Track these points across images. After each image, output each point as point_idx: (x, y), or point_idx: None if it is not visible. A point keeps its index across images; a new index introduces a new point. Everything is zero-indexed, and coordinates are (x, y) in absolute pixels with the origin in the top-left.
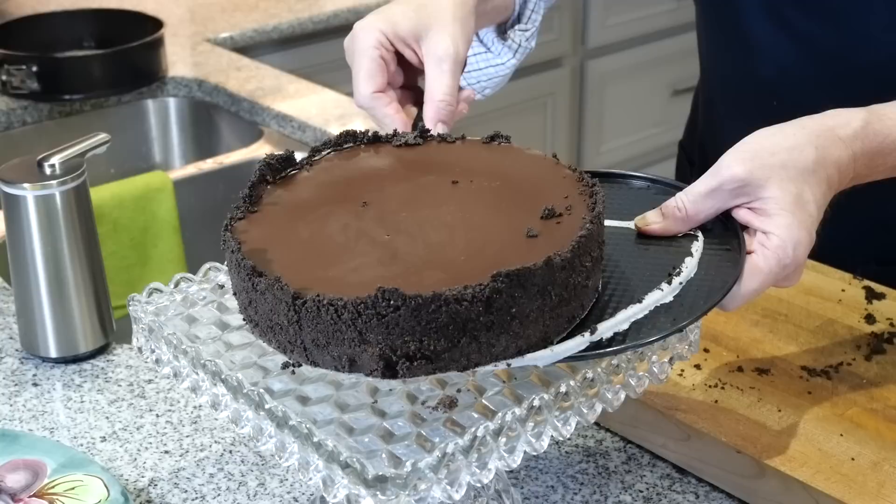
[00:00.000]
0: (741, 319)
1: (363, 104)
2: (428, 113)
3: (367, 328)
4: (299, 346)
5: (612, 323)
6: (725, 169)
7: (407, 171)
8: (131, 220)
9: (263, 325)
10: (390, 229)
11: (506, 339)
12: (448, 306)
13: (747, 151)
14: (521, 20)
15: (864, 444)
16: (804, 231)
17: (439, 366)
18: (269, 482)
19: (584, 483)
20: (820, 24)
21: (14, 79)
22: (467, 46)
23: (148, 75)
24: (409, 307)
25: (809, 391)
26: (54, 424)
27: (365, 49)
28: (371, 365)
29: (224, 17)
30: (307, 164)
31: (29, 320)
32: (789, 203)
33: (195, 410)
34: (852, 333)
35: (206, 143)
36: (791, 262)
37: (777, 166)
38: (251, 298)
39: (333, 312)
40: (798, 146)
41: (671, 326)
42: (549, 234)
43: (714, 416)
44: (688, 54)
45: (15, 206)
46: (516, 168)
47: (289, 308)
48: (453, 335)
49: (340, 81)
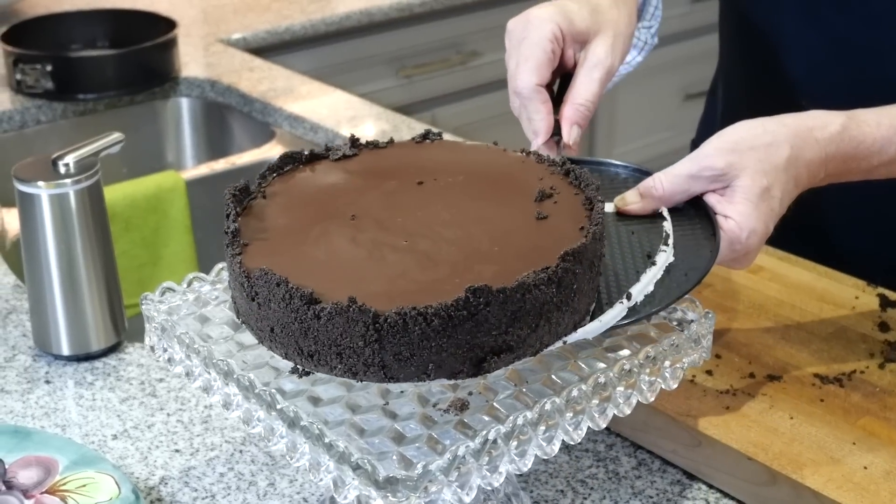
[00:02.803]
0: (753, 326)
1: (523, 93)
2: (566, 113)
3: (456, 330)
4: (376, 365)
5: (641, 286)
6: (707, 158)
7: (366, 181)
8: (143, 220)
9: (323, 355)
10: (402, 235)
11: (567, 317)
12: (530, 293)
13: (728, 143)
14: (643, 16)
15: (877, 452)
16: (761, 222)
17: (518, 354)
18: (279, 482)
19: (594, 488)
20: (855, 23)
21: (28, 78)
22: (621, 62)
23: (161, 75)
24: (497, 301)
25: (822, 399)
26: (66, 422)
27: (539, 39)
28: (456, 366)
29: (237, 18)
30: (260, 193)
31: (42, 318)
32: (755, 195)
33: (206, 410)
34: (865, 341)
35: (218, 144)
36: (742, 248)
37: (753, 159)
38: (305, 329)
39: (422, 322)
40: (775, 143)
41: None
42: (556, 214)
43: (725, 423)
44: (700, 58)
45: (29, 205)
46: (470, 161)
47: (367, 328)
48: (533, 321)
49: (353, 83)
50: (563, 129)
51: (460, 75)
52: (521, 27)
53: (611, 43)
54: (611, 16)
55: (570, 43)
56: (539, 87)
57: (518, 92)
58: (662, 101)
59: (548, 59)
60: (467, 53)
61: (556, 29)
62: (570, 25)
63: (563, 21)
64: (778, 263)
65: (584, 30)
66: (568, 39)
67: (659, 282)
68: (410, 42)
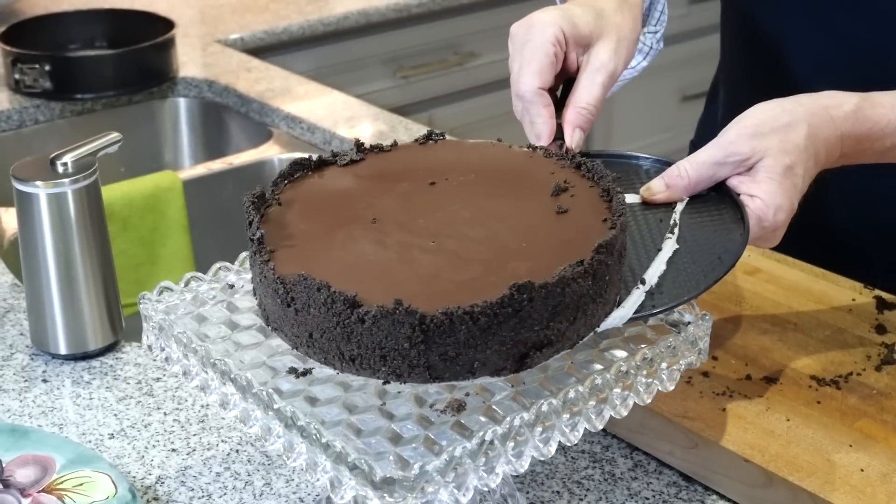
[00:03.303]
0: (750, 328)
1: (525, 97)
2: (569, 117)
3: (501, 327)
4: (422, 366)
5: (655, 269)
6: (731, 144)
7: (378, 185)
8: (141, 219)
9: (366, 358)
10: (427, 236)
11: (600, 308)
12: (569, 287)
13: (750, 127)
14: (649, 22)
15: (874, 455)
16: (787, 199)
17: (558, 347)
18: (275, 482)
19: (590, 489)
20: (861, 22)
21: (27, 77)
22: (625, 67)
23: (159, 75)
24: (539, 296)
25: (819, 401)
26: (63, 421)
27: (542, 43)
28: (499, 363)
29: (234, 18)
30: (275, 200)
31: (39, 317)
32: (779, 173)
33: (202, 409)
34: (862, 343)
35: (215, 144)
36: (770, 224)
37: (776, 140)
38: (347, 333)
39: (468, 321)
40: (794, 122)
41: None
42: (576, 207)
43: (722, 425)
44: (698, 60)
45: (27, 204)
46: (477, 159)
47: (413, 330)
48: (571, 314)
49: (350, 83)
50: (566, 132)
51: (458, 76)
52: (524, 31)
53: (614, 47)
54: (615, 20)
55: (574, 47)
56: (541, 91)
57: (520, 95)
58: (660, 103)
59: (550, 63)
60: (465, 54)
61: (559, 33)
62: (573, 29)
63: (566, 25)
64: (775, 265)
65: (588, 34)
66: (571, 43)
67: (691, 268)
68: (408, 43)
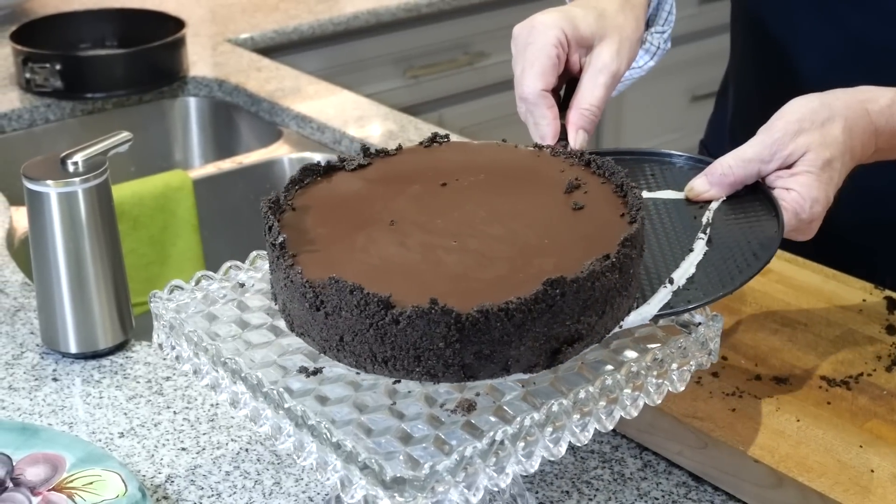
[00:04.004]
0: (760, 328)
1: (528, 99)
2: (572, 118)
3: (535, 323)
4: (457, 365)
5: (683, 271)
6: (777, 142)
7: (389, 188)
8: (151, 219)
9: (400, 359)
10: (448, 236)
11: (626, 301)
12: (599, 281)
13: (794, 123)
14: (657, 21)
15: (885, 456)
16: (823, 192)
17: (588, 342)
18: (284, 481)
19: (600, 489)
20: (873, 21)
21: (38, 77)
22: (627, 67)
23: (169, 75)
24: (571, 291)
25: (829, 401)
26: (73, 419)
27: (544, 45)
28: (532, 359)
29: (245, 17)
30: (289, 205)
31: (50, 316)
32: (817, 167)
33: (212, 408)
34: (873, 344)
35: (225, 143)
36: (807, 216)
37: (818, 135)
38: (381, 335)
39: (504, 318)
40: (833, 116)
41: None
42: (591, 203)
43: (731, 425)
44: (707, 60)
45: (38, 203)
46: (485, 159)
47: (449, 329)
48: (600, 308)
49: (360, 83)
50: (570, 134)
51: (467, 76)
52: (526, 33)
53: (616, 48)
54: (617, 21)
55: (576, 48)
56: (544, 93)
57: (524, 97)
58: (670, 103)
59: (553, 65)
60: (474, 54)
61: (561, 34)
62: (574, 31)
63: (567, 26)
64: (785, 266)
65: (590, 35)
66: (573, 45)
67: (723, 265)
68: (418, 42)
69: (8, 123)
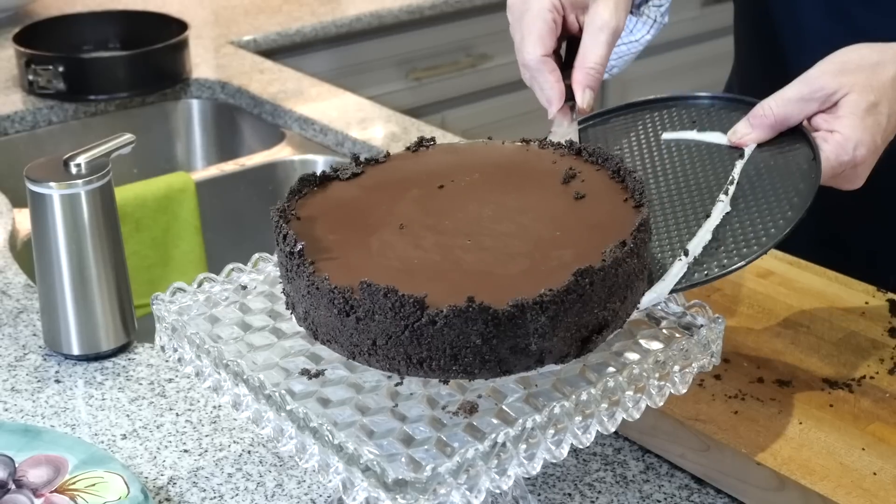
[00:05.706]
0: (763, 331)
1: (530, 65)
2: (577, 77)
3: (567, 314)
4: (493, 361)
5: (698, 240)
6: (817, 80)
7: (388, 193)
8: (153, 221)
9: (435, 359)
10: (461, 236)
11: (642, 284)
12: (621, 267)
13: (836, 63)
14: None
15: (887, 458)
16: (868, 134)
17: (613, 328)
18: (286, 483)
19: (602, 491)
20: (882, 19)
21: (40, 79)
22: (625, 21)
23: (172, 77)
24: (599, 279)
25: (831, 404)
26: (76, 421)
27: (540, 10)
28: (564, 350)
29: (247, 19)
30: (293, 215)
31: (52, 318)
32: (862, 109)
33: (215, 410)
34: (875, 346)
35: (228, 145)
36: (849, 159)
37: (862, 77)
38: (416, 336)
39: (539, 310)
40: (882, 62)
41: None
42: (591, 191)
43: (734, 427)
44: (711, 62)
45: (41, 205)
46: (476, 158)
47: (486, 325)
48: (622, 293)
49: (363, 85)
50: (576, 93)
51: (470, 78)
52: (520, 2)
53: (614, 5)
54: None
55: (571, 9)
56: (545, 58)
57: (525, 64)
58: None
59: (550, 30)
60: (477, 56)
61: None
62: None
63: None
64: (788, 268)
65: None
66: (568, 6)
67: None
68: (420, 44)
69: (11, 125)
